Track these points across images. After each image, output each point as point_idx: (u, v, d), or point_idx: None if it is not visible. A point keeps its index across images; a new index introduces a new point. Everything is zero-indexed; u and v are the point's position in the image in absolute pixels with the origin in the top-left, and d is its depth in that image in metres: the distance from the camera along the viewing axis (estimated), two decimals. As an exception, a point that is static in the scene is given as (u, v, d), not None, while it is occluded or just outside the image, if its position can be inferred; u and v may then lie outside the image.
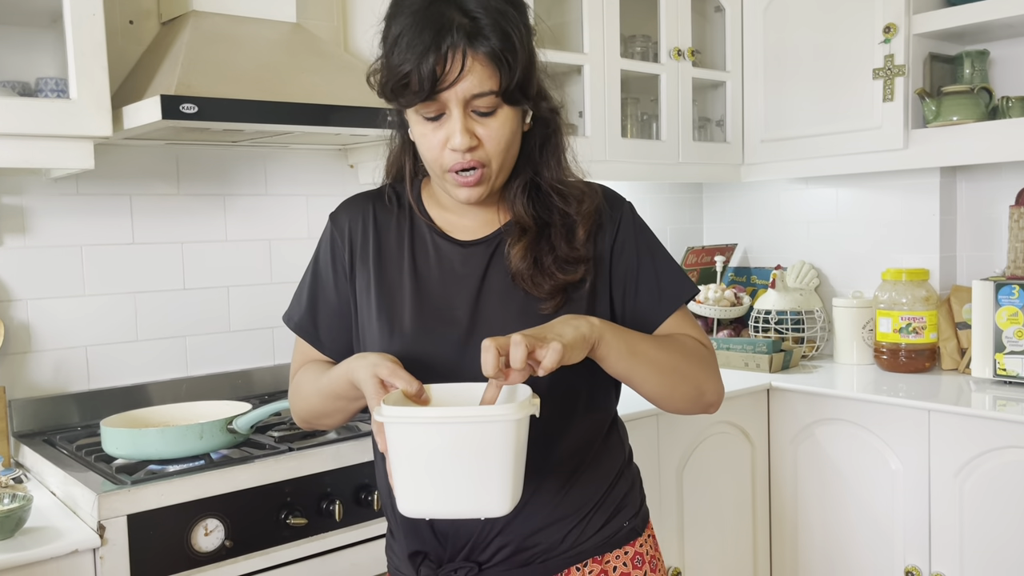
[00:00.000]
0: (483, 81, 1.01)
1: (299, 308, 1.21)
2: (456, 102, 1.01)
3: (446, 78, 0.99)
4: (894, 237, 2.65)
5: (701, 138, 2.76)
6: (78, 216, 1.90)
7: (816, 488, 2.33)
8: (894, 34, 2.34)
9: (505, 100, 1.03)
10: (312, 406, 1.16)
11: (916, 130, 2.35)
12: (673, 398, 1.10)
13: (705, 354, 1.13)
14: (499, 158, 1.06)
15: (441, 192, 1.15)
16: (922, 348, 2.43)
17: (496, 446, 0.89)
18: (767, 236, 2.99)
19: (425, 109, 1.03)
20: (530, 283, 1.08)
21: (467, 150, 1.02)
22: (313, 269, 1.21)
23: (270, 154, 2.16)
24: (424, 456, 0.90)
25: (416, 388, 0.97)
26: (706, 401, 1.12)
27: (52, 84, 1.67)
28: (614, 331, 1.03)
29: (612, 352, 1.02)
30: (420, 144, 1.06)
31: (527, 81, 1.05)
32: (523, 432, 0.92)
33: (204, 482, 1.46)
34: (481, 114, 1.03)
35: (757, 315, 2.73)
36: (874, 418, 2.20)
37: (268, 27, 1.92)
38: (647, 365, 1.05)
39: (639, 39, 2.57)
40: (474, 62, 1.00)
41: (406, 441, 0.90)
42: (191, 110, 1.53)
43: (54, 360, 1.88)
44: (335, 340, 1.19)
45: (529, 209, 1.11)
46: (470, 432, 0.89)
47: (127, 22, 1.94)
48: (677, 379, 1.08)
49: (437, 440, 0.89)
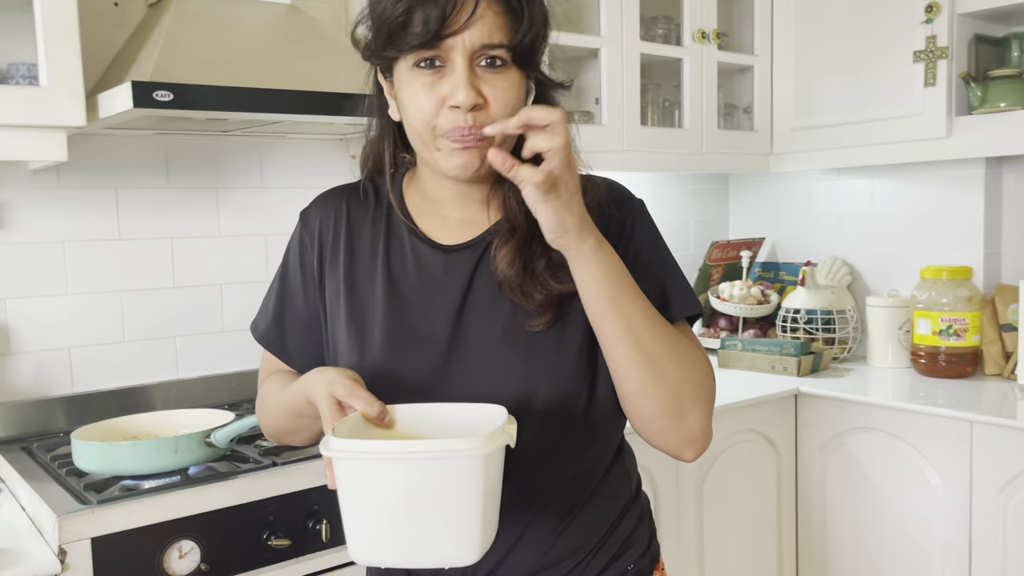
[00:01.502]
0: (494, 31, 0.88)
1: (265, 317, 1.09)
2: (461, 52, 0.87)
3: (455, 19, 0.86)
4: (934, 232, 2.48)
5: (727, 126, 2.60)
6: (60, 210, 1.80)
7: (847, 502, 2.18)
8: (936, 14, 2.17)
9: (514, 59, 0.90)
10: (276, 422, 1.04)
11: (960, 117, 2.18)
12: (645, 394, 0.90)
13: (703, 372, 0.94)
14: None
15: (428, 179, 1.00)
16: (964, 352, 2.27)
17: (461, 485, 0.77)
18: (797, 230, 2.82)
19: (422, 56, 0.89)
20: (519, 293, 0.94)
21: (471, 109, 0.88)
22: (281, 274, 1.08)
23: (266, 144, 2.05)
24: (378, 496, 0.78)
25: (377, 410, 0.85)
26: (687, 429, 0.91)
27: (24, 70, 1.56)
28: (604, 261, 0.87)
29: (590, 281, 0.87)
30: (410, 107, 0.91)
31: (538, 45, 0.92)
32: (494, 467, 0.79)
33: (178, 501, 1.35)
34: (487, 70, 0.89)
35: (785, 314, 2.58)
36: (911, 428, 2.04)
37: (261, 9, 1.80)
38: (626, 327, 0.88)
39: (661, 21, 2.42)
40: (487, 8, 0.88)
41: (357, 479, 0.78)
42: (165, 98, 1.41)
43: (35, 362, 1.79)
44: (305, 353, 1.06)
45: (523, 205, 0.96)
46: (430, 469, 0.76)
47: (112, 4, 1.83)
48: (657, 370, 0.89)
49: (392, 478, 0.77)
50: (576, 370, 0.96)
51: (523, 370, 0.94)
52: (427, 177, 1.01)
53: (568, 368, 0.95)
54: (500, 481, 0.82)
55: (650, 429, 0.93)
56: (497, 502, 0.82)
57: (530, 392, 0.94)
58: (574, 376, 0.96)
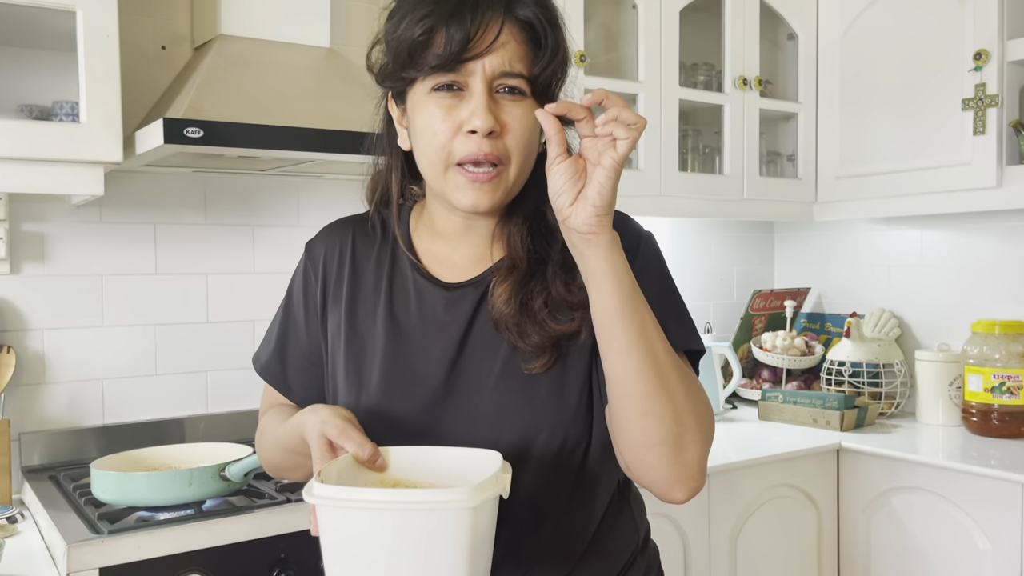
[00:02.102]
0: (515, 59, 0.87)
1: (267, 349, 1.08)
2: (481, 77, 0.86)
3: (478, 43, 0.85)
4: (985, 284, 2.38)
5: (770, 173, 2.56)
6: (100, 244, 1.85)
7: (892, 564, 2.07)
8: (986, 61, 2.11)
9: (533, 91, 0.89)
10: (273, 458, 1.03)
11: (1011, 167, 2.11)
12: (644, 411, 0.83)
13: (705, 409, 0.88)
14: (520, 156, 0.89)
15: (436, 211, 0.98)
16: (1017, 411, 2.16)
17: (446, 539, 0.73)
18: (843, 280, 2.75)
19: (440, 79, 0.88)
20: (515, 332, 0.91)
21: (487, 135, 0.86)
22: (285, 306, 1.07)
23: (303, 184, 2.08)
24: (361, 546, 0.75)
25: (368, 453, 0.83)
26: (683, 462, 0.85)
27: (67, 108, 1.62)
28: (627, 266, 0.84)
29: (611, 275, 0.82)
30: (424, 131, 0.89)
31: (557, 79, 0.91)
32: (484, 519, 0.76)
33: (188, 534, 1.35)
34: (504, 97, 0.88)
35: (830, 366, 2.49)
36: (960, 489, 1.94)
37: (298, 52, 1.84)
38: (639, 335, 0.83)
39: (702, 68, 2.40)
40: (510, 35, 0.87)
41: (340, 527, 0.75)
42: (196, 134, 1.44)
43: (69, 393, 1.82)
44: (306, 387, 1.05)
45: (527, 242, 0.95)
46: (414, 521, 0.73)
47: (159, 47, 1.90)
48: (663, 391, 0.83)
49: (375, 529, 0.74)
50: (577, 413, 0.92)
51: (522, 413, 0.91)
52: (435, 209, 0.99)
53: (569, 411, 0.92)
54: (492, 533, 0.79)
55: (646, 459, 0.85)
56: (488, 554, 0.79)
57: (530, 436, 0.91)
58: (575, 420, 0.92)
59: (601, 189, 0.81)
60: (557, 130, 0.82)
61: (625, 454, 0.88)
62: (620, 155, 0.80)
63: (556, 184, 0.83)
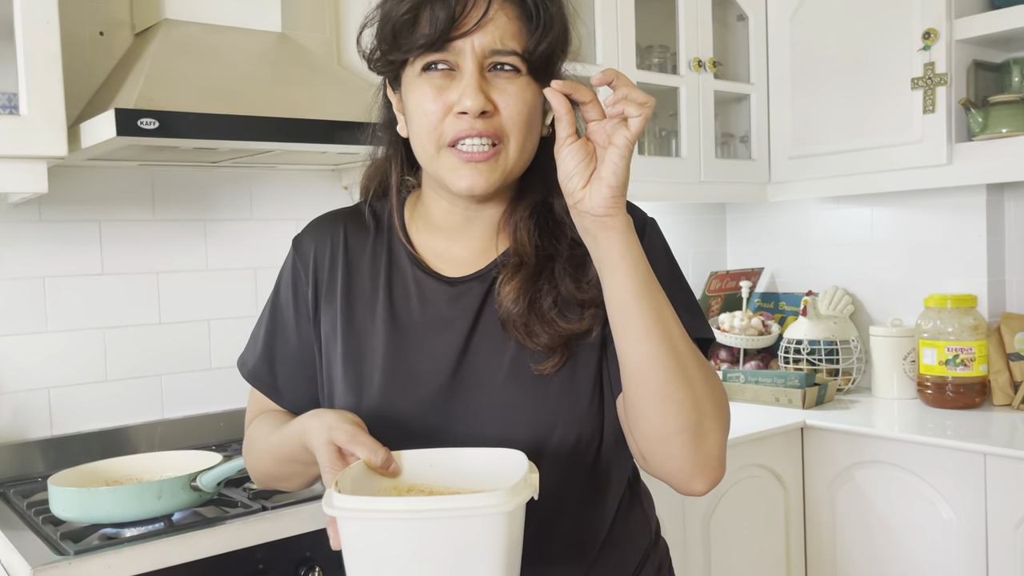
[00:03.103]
0: (507, 36, 0.83)
1: (254, 352, 1.01)
2: (471, 56, 0.83)
3: (465, 21, 0.82)
4: (936, 260, 2.44)
5: (724, 155, 2.57)
6: (40, 244, 1.73)
7: (858, 538, 2.11)
8: (934, 40, 2.15)
9: (530, 69, 0.85)
10: (265, 467, 0.97)
11: (960, 144, 2.15)
12: (664, 398, 0.80)
13: (723, 397, 0.85)
14: (519, 135, 0.85)
15: (433, 202, 0.94)
16: (971, 382, 2.22)
17: (482, 546, 0.69)
18: (796, 260, 2.78)
19: (429, 59, 0.84)
20: (523, 333, 0.87)
21: (479, 115, 0.83)
22: (272, 305, 1.01)
23: (255, 175, 1.99)
24: (389, 559, 0.70)
25: (382, 458, 0.78)
26: (703, 451, 0.82)
27: (3, 100, 1.50)
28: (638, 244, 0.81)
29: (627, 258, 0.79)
30: (415, 113, 0.86)
31: (555, 55, 0.87)
32: (517, 524, 0.72)
33: (161, 550, 1.27)
34: (499, 76, 0.84)
35: (787, 345, 2.52)
36: (923, 461, 1.98)
37: (249, 37, 1.75)
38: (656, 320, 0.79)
39: (656, 49, 2.39)
40: (500, 12, 0.83)
41: (365, 540, 0.70)
42: (150, 126, 1.35)
43: (12, 404, 1.71)
44: (296, 391, 0.99)
45: (534, 237, 0.91)
46: (448, 529, 0.69)
47: (97, 33, 1.79)
48: (682, 377, 0.80)
49: (405, 540, 0.69)
50: (589, 410, 0.89)
51: (534, 411, 0.88)
52: (432, 200, 0.95)
53: (582, 406, 0.89)
54: (521, 538, 0.75)
55: (665, 449, 0.82)
56: (519, 561, 0.75)
57: (543, 434, 0.87)
58: (587, 415, 0.89)
59: (616, 169, 0.77)
60: (567, 109, 0.78)
61: (642, 445, 0.85)
62: (633, 133, 0.77)
63: (567, 166, 0.79)
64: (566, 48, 0.89)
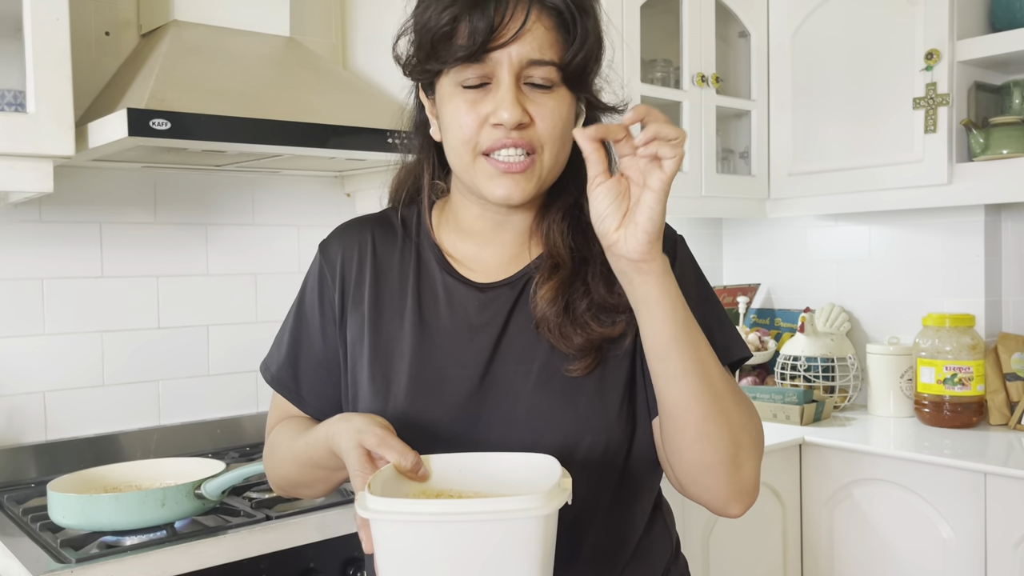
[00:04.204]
0: (544, 47, 0.83)
1: (278, 357, 1.00)
2: (508, 67, 0.82)
3: (503, 32, 0.81)
4: (933, 279, 2.45)
5: (724, 170, 2.58)
6: (40, 245, 1.70)
7: (855, 556, 2.10)
8: (936, 61, 2.17)
9: (565, 79, 0.84)
10: (288, 473, 0.95)
11: (961, 164, 2.17)
12: (701, 434, 0.80)
13: (757, 425, 0.86)
14: (553, 146, 0.85)
15: (462, 208, 0.93)
16: (969, 401, 2.22)
17: (518, 550, 0.68)
18: (792, 276, 2.79)
19: (466, 74, 0.83)
20: (557, 334, 0.87)
21: (516, 127, 0.82)
22: (297, 310, 1.00)
23: (258, 180, 1.97)
24: (423, 563, 0.69)
25: (412, 462, 0.77)
26: (739, 479, 0.83)
27: (10, 97, 1.47)
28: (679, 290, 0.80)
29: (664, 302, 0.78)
30: (451, 124, 0.85)
31: (590, 65, 0.86)
32: (552, 529, 0.71)
33: (164, 559, 1.25)
34: (534, 89, 0.84)
35: (784, 361, 2.52)
36: (922, 480, 1.98)
37: (258, 40, 1.74)
38: (694, 360, 0.80)
39: (660, 64, 2.39)
40: (537, 22, 0.82)
41: (399, 543, 0.69)
42: (162, 126, 1.33)
43: (7, 408, 1.67)
44: (320, 397, 0.98)
45: (567, 240, 0.90)
46: (484, 532, 0.68)
47: (103, 33, 1.76)
48: (720, 412, 0.81)
49: (440, 543, 0.68)
50: (618, 418, 0.88)
51: (563, 418, 0.87)
52: (462, 205, 0.94)
53: (611, 415, 0.88)
54: (554, 543, 0.74)
55: (702, 480, 0.84)
56: (551, 567, 0.73)
57: (572, 441, 0.86)
58: (617, 425, 0.88)
59: (652, 214, 0.76)
60: (594, 149, 0.77)
61: (679, 474, 0.86)
62: (667, 175, 0.75)
63: (599, 207, 0.78)
64: (600, 58, 0.89)
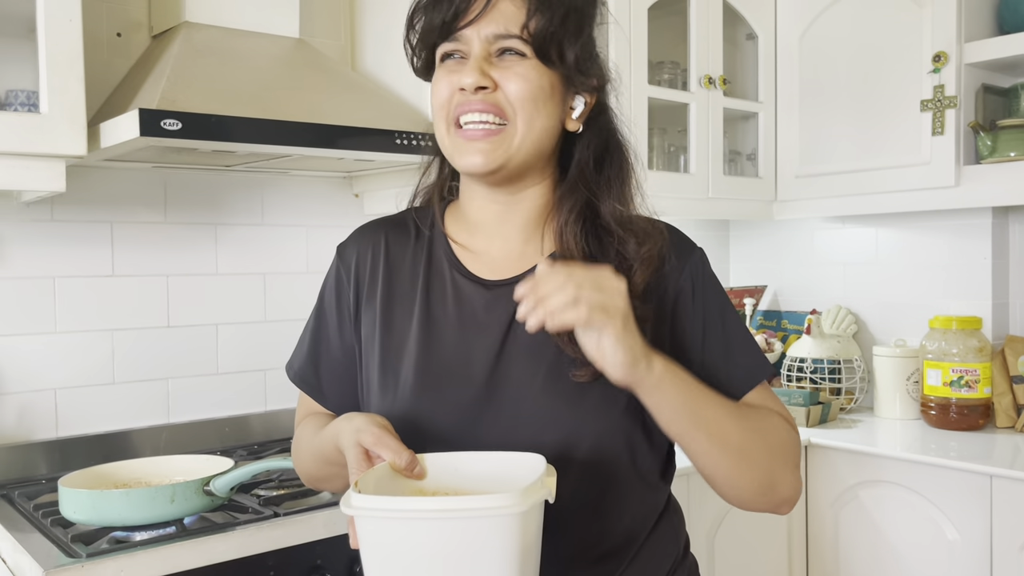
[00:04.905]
0: (509, 22, 0.87)
1: (300, 355, 1.04)
2: (478, 42, 0.88)
3: (468, 13, 0.87)
4: (940, 282, 2.45)
5: (731, 172, 2.58)
6: (52, 244, 1.72)
7: (861, 557, 2.11)
8: (944, 63, 2.17)
9: (535, 51, 0.88)
10: (308, 468, 1.00)
11: (968, 166, 2.17)
12: (737, 485, 0.88)
13: (787, 439, 0.91)
14: (524, 111, 0.88)
15: (469, 200, 0.96)
16: (975, 404, 2.22)
17: (495, 547, 0.70)
18: (799, 278, 2.79)
19: (445, 49, 0.90)
20: (566, 338, 0.87)
21: (477, 90, 0.87)
22: (317, 310, 1.03)
23: (268, 180, 1.99)
24: (404, 558, 0.71)
25: (406, 460, 0.79)
26: (779, 497, 0.90)
27: (23, 97, 1.50)
28: (675, 380, 0.83)
29: (666, 406, 0.83)
30: (433, 99, 0.93)
31: (564, 40, 0.88)
32: (532, 525, 0.73)
33: (173, 554, 1.26)
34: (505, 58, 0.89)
35: (791, 363, 2.53)
36: (928, 482, 1.98)
37: (268, 42, 1.75)
38: (709, 436, 0.85)
39: (667, 65, 2.40)
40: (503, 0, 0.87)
41: (381, 539, 0.72)
42: (174, 127, 1.35)
43: (18, 404, 1.69)
44: (340, 394, 1.01)
45: (581, 243, 0.92)
46: (461, 529, 0.70)
47: (115, 34, 1.78)
48: (745, 463, 0.87)
49: (419, 539, 0.70)
50: (623, 421, 0.89)
51: (566, 418, 0.88)
52: (467, 198, 0.97)
53: (615, 418, 0.89)
54: (539, 540, 0.76)
55: (744, 504, 0.92)
56: (536, 563, 0.75)
57: (573, 442, 0.88)
58: (620, 427, 0.89)
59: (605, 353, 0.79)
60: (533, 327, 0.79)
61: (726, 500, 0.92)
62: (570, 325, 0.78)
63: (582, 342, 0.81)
64: (577, 33, 0.90)
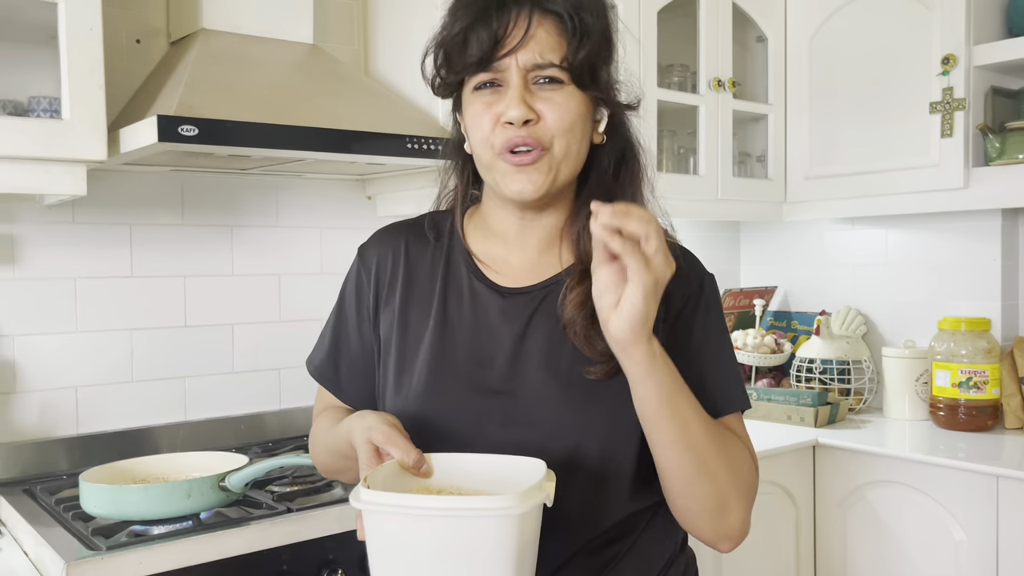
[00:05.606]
0: (547, 50, 0.88)
1: (321, 351, 1.07)
2: (515, 72, 0.88)
3: (507, 42, 0.88)
4: (949, 283, 2.46)
5: (741, 174, 2.60)
6: (73, 246, 1.77)
7: (868, 557, 2.12)
8: (953, 65, 2.18)
9: (573, 78, 0.89)
10: (323, 460, 1.04)
11: (977, 168, 2.18)
12: (692, 495, 0.88)
13: (748, 472, 0.92)
14: (563, 140, 0.89)
15: (491, 211, 0.99)
16: (984, 405, 2.23)
17: (492, 546, 0.73)
18: (809, 279, 2.80)
19: (480, 79, 0.90)
20: (582, 338, 0.90)
21: (523, 124, 0.88)
22: (338, 309, 1.06)
23: (282, 183, 2.03)
24: (406, 552, 0.75)
25: (414, 459, 0.82)
26: (727, 525, 0.89)
27: (45, 103, 1.54)
28: (666, 364, 0.84)
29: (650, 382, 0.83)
30: (471, 129, 0.92)
31: (598, 64, 0.91)
32: (529, 527, 0.75)
33: (190, 548, 1.30)
34: (544, 87, 0.89)
35: (800, 364, 2.54)
36: (935, 482, 1.99)
37: (283, 48, 1.79)
38: (679, 429, 0.85)
39: (677, 68, 2.42)
40: (539, 27, 0.88)
41: (385, 533, 0.75)
42: (191, 132, 1.39)
43: (40, 402, 1.73)
44: (358, 389, 1.04)
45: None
46: (459, 527, 0.73)
47: (134, 41, 1.82)
48: (705, 472, 0.86)
49: (420, 535, 0.74)
50: (631, 425, 0.91)
51: (577, 422, 0.91)
52: (491, 209, 0.99)
53: (624, 423, 0.91)
54: (536, 540, 0.78)
55: (690, 523, 0.91)
56: (533, 563, 0.78)
57: (582, 444, 0.90)
58: (628, 431, 0.92)
59: (633, 307, 0.79)
60: (608, 236, 0.78)
61: (674, 513, 0.93)
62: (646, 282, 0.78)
63: (598, 285, 0.82)
64: (608, 56, 0.93)
